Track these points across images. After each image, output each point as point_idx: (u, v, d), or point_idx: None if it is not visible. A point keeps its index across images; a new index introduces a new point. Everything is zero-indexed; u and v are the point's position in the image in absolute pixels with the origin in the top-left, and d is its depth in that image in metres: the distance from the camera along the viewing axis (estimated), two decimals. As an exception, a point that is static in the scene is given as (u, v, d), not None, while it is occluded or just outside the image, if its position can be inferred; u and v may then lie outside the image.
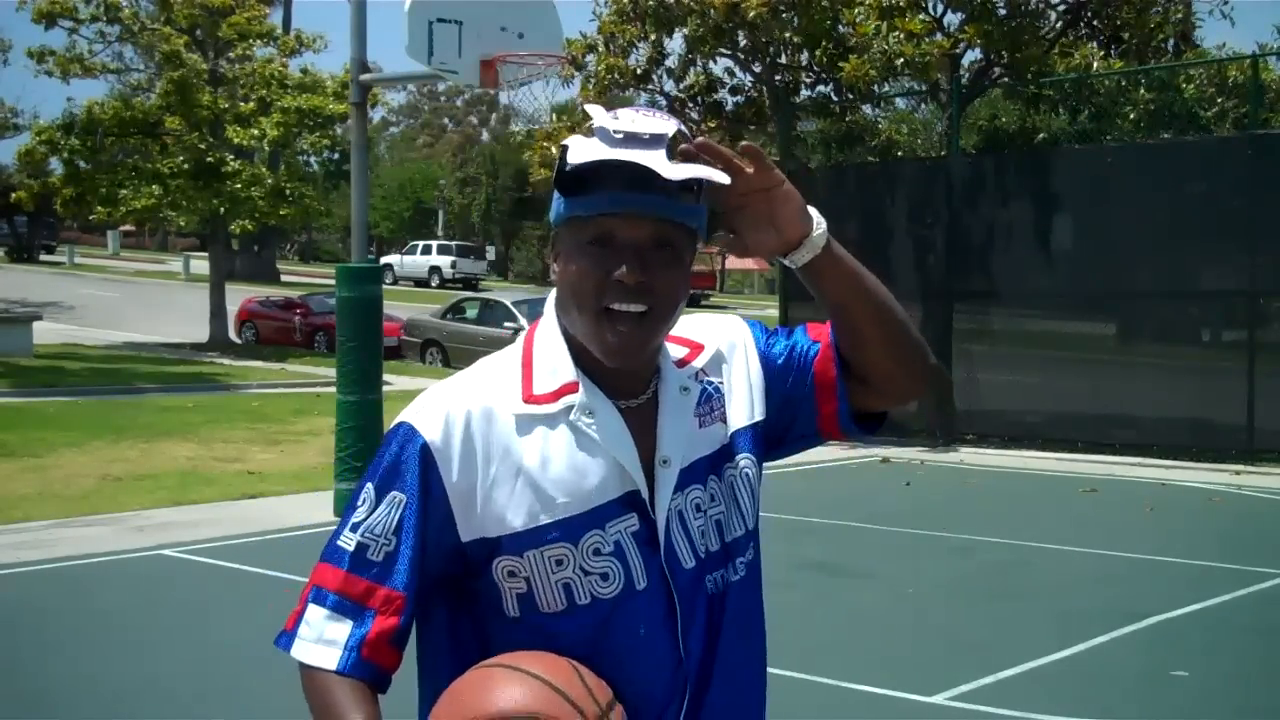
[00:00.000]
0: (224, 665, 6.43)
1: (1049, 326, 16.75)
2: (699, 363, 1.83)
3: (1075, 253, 15.99)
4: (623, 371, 1.72)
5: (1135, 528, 10.41)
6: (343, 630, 1.68)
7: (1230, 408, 14.03)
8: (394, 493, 1.69)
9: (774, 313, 20.96)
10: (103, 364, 22.80)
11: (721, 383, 1.85)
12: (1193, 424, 14.39)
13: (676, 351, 1.82)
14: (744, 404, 1.87)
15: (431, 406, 1.72)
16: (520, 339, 1.81)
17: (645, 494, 1.73)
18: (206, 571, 8.58)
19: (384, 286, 11.30)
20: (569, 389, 1.72)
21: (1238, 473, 13.08)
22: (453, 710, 1.59)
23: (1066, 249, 16.07)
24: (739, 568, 1.89)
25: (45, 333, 26.12)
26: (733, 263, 63.02)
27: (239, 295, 30.97)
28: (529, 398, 1.72)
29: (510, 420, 1.71)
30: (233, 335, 28.74)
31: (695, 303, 46.59)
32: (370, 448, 10.28)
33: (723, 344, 1.87)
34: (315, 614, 1.70)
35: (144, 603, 7.78)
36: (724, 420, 1.84)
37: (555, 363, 1.74)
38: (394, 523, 1.68)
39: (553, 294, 1.78)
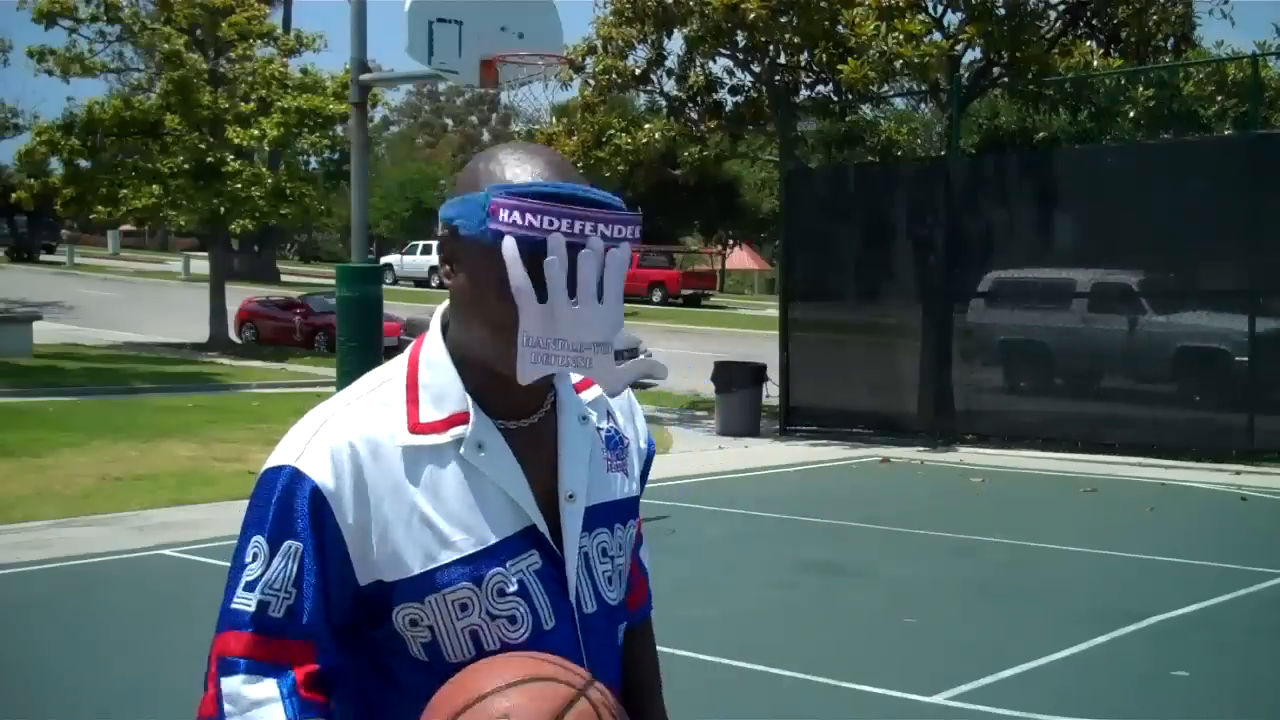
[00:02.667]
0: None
1: (1049, 326, 16.72)
2: (590, 396, 1.73)
3: (1075, 252, 15.99)
4: (518, 387, 1.59)
5: (1135, 528, 10.41)
6: (269, 688, 1.54)
7: (1230, 408, 14.04)
8: (288, 542, 1.55)
9: (774, 313, 20.95)
10: (103, 364, 22.81)
11: (625, 434, 1.78)
12: (1193, 424, 14.39)
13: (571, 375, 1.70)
14: (636, 470, 1.80)
15: (313, 445, 1.58)
16: (402, 357, 1.67)
17: (545, 529, 1.63)
18: (206, 571, 8.58)
19: (384, 286, 11.30)
20: (458, 419, 1.60)
21: (1238, 473, 13.08)
22: (449, 699, 1.52)
23: (1066, 249, 16.07)
24: (621, 631, 1.77)
25: (45, 333, 26.11)
26: (733, 262, 63.02)
27: (239, 295, 30.97)
28: (415, 427, 1.60)
29: (397, 454, 1.58)
30: (233, 335, 28.75)
31: (696, 303, 46.59)
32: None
33: (606, 397, 1.76)
34: (233, 685, 1.55)
35: (144, 603, 7.78)
36: (628, 475, 1.76)
37: (443, 388, 1.61)
38: (293, 573, 1.55)
39: (440, 308, 1.68)
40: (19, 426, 14.70)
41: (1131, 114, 16.73)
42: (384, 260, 46.87)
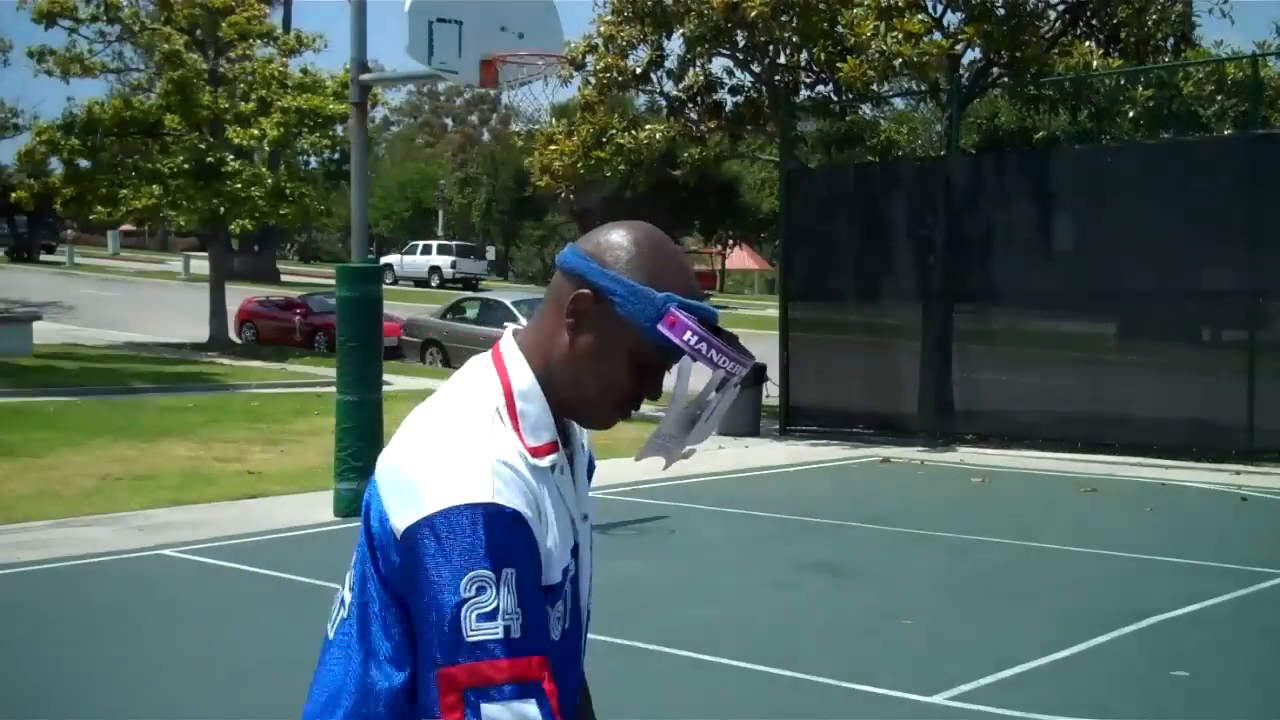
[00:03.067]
0: (223, 665, 6.43)
1: (1049, 326, 16.75)
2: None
3: (1075, 252, 16.00)
4: (567, 422, 1.85)
5: (1135, 528, 10.41)
6: (529, 710, 1.66)
7: (1230, 408, 14.04)
8: (506, 570, 1.68)
9: (774, 313, 20.93)
10: (102, 364, 22.80)
11: (591, 457, 2.02)
12: (1193, 424, 14.39)
13: None
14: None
15: (496, 478, 1.71)
16: (491, 383, 1.80)
17: (577, 541, 1.86)
18: (206, 571, 8.58)
19: (384, 286, 11.30)
20: (552, 448, 1.79)
21: (1238, 473, 13.08)
22: None
23: (1066, 249, 16.08)
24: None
25: (45, 333, 26.11)
26: (733, 262, 63.04)
27: (239, 295, 30.96)
28: (533, 451, 1.77)
29: (531, 475, 1.75)
30: (233, 335, 28.74)
31: (695, 303, 46.52)
32: (371, 447, 10.27)
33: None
34: (494, 710, 1.65)
35: (144, 603, 7.78)
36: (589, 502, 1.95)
37: (539, 418, 1.79)
38: (516, 596, 1.68)
39: (513, 336, 1.84)
40: (19, 426, 14.69)
41: (1131, 114, 16.74)
42: (384, 260, 46.87)
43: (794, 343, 17.12)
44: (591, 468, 2.02)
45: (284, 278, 49.12)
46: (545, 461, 1.77)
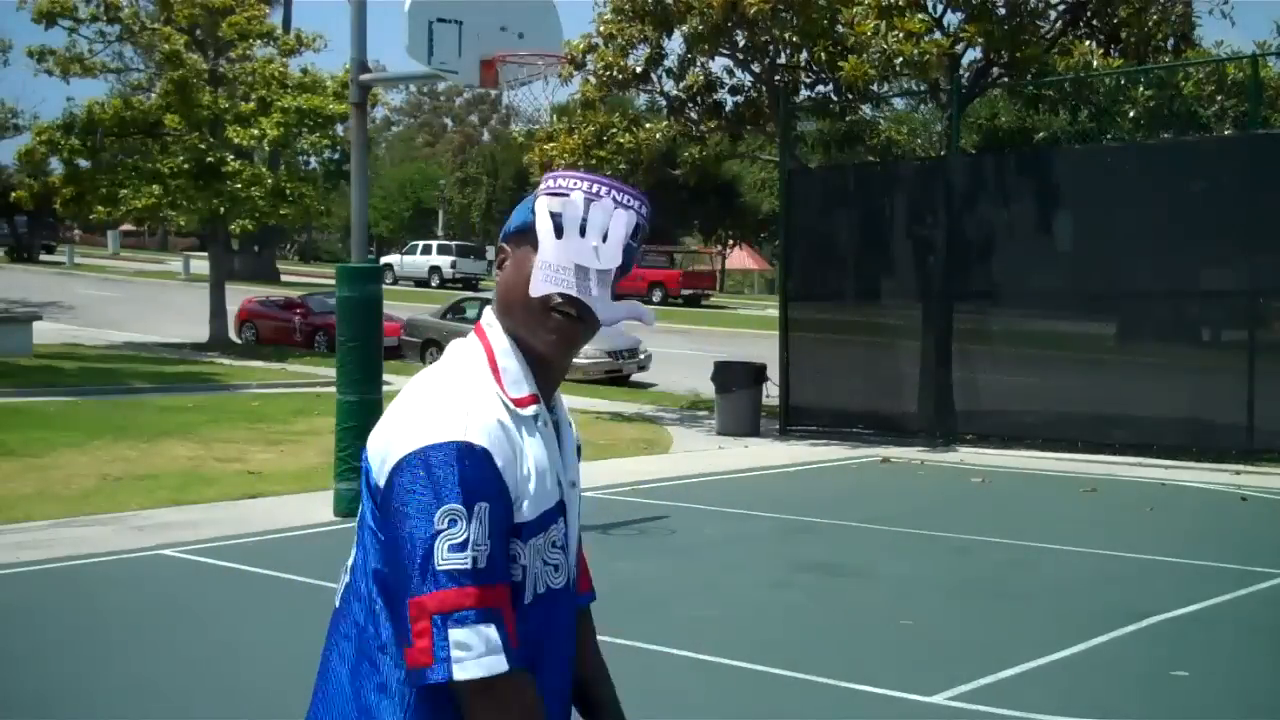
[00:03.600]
0: (223, 665, 6.43)
1: (1049, 326, 16.74)
2: (565, 405, 2.10)
3: (1075, 252, 15.99)
4: (549, 384, 1.99)
5: (1135, 528, 10.41)
6: (492, 634, 1.80)
7: (1230, 408, 14.03)
8: (478, 504, 1.81)
9: (774, 313, 20.94)
10: (102, 364, 22.80)
11: (577, 438, 2.13)
12: (1193, 424, 14.38)
13: None
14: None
15: (471, 420, 1.86)
16: (474, 348, 1.98)
17: (564, 501, 1.99)
18: (206, 571, 8.58)
19: (384, 286, 11.30)
20: (533, 399, 1.95)
21: (1238, 473, 13.08)
22: None
23: (1066, 249, 16.07)
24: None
25: (45, 333, 26.12)
26: (733, 262, 63.03)
27: (239, 295, 30.97)
28: (516, 401, 1.93)
29: (512, 421, 1.90)
30: (233, 335, 28.74)
31: (696, 303, 46.59)
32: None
33: (565, 405, 2.12)
34: (461, 635, 1.78)
35: (144, 603, 7.78)
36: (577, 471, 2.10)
37: (517, 372, 1.95)
38: (486, 529, 1.82)
39: (488, 308, 2.02)
40: (19, 426, 14.69)
41: (1131, 114, 16.74)
42: (384, 260, 46.86)
43: (794, 343, 17.11)
44: (579, 447, 2.13)
45: (284, 278, 49.13)
46: (528, 411, 1.93)
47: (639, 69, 17.59)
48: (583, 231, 1.94)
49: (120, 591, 8.05)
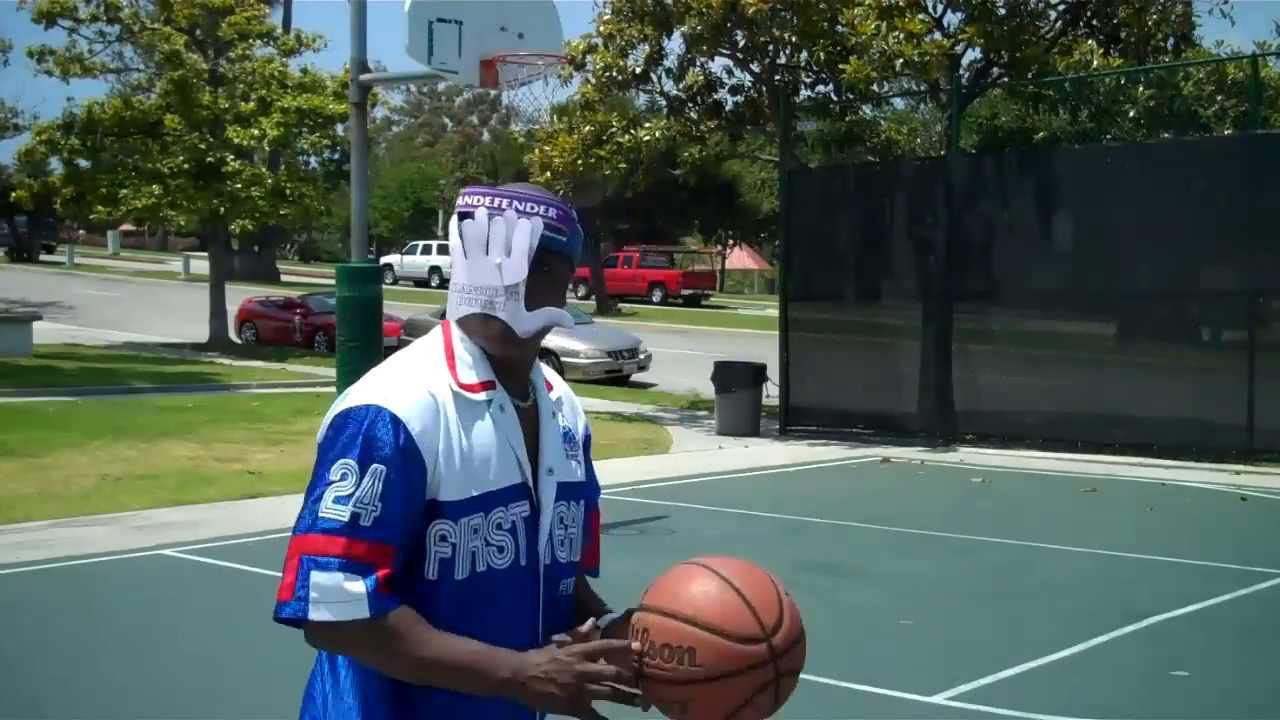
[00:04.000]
0: (223, 665, 6.43)
1: (1049, 326, 16.74)
2: (555, 396, 2.20)
3: (1075, 252, 15.99)
4: (515, 375, 2.10)
5: (1135, 528, 10.41)
6: (357, 585, 1.91)
7: (1230, 408, 14.03)
8: (375, 465, 1.92)
9: (774, 313, 20.95)
10: (102, 364, 22.80)
11: (575, 433, 2.23)
12: (1193, 424, 14.38)
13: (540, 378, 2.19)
14: (583, 460, 2.25)
15: (396, 390, 1.98)
16: (434, 338, 2.09)
17: (531, 486, 2.08)
18: (206, 571, 8.58)
19: (384, 286, 11.30)
20: (488, 385, 2.06)
21: (1238, 473, 13.08)
22: (657, 598, 1.99)
23: (1066, 249, 16.07)
24: (569, 586, 2.21)
25: (45, 333, 26.11)
26: (732, 262, 63.00)
27: (239, 295, 30.96)
28: (461, 385, 2.03)
29: (450, 401, 2.00)
30: (233, 335, 28.74)
31: (696, 303, 46.59)
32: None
33: (564, 397, 2.24)
34: (322, 579, 1.91)
35: (144, 603, 7.78)
36: (579, 463, 2.21)
37: (473, 360, 2.06)
38: (379, 491, 1.92)
39: (454, 300, 2.11)
40: (19, 426, 14.69)
41: (1131, 114, 16.74)
42: (384, 260, 46.86)
43: (794, 343, 17.11)
44: (587, 439, 2.26)
45: (284, 278, 49.13)
46: (478, 396, 2.03)
47: (639, 69, 17.58)
48: (486, 249, 2.04)
49: (120, 591, 8.05)
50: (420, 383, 1.99)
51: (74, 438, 14.06)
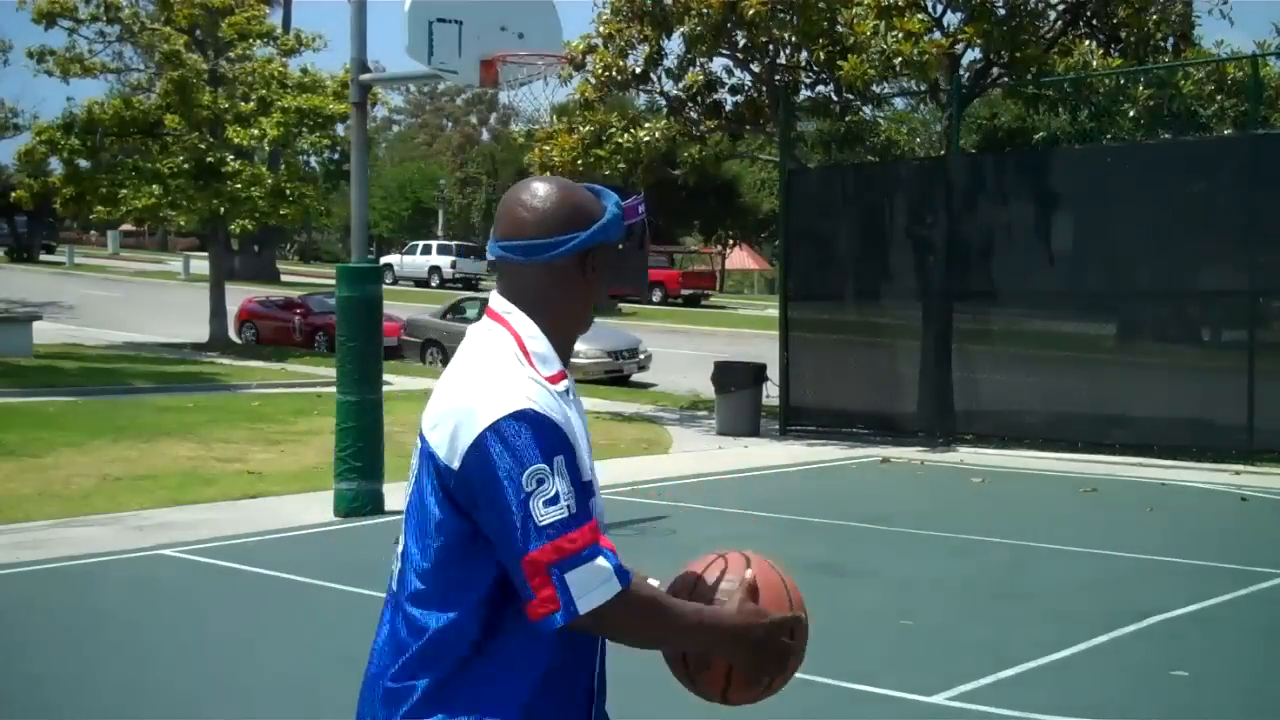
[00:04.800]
0: (223, 665, 6.44)
1: (1049, 326, 16.74)
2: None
3: (1075, 252, 15.98)
4: (567, 363, 2.23)
5: (1135, 528, 10.41)
6: (602, 564, 2.01)
7: (1230, 408, 14.03)
8: (555, 458, 2.03)
9: (774, 313, 20.95)
10: (102, 364, 22.81)
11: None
12: (1193, 424, 14.38)
13: None
14: None
15: (529, 394, 2.07)
16: (500, 335, 2.17)
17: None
18: (206, 571, 8.58)
19: (384, 286, 11.30)
20: (562, 376, 2.17)
21: (1238, 473, 13.08)
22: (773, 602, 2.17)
23: (1066, 249, 16.06)
24: None
25: (45, 333, 26.12)
26: (732, 262, 63.02)
27: (239, 295, 30.97)
28: (549, 379, 2.14)
29: (553, 397, 2.11)
30: (233, 335, 28.74)
31: (695, 302, 46.60)
32: (371, 447, 10.30)
33: None
34: (574, 576, 1.99)
35: (144, 603, 7.78)
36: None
37: (546, 354, 2.17)
38: (568, 477, 2.03)
39: (500, 303, 2.21)
40: (19, 426, 14.70)
41: (1131, 114, 16.73)
42: (384, 260, 46.86)
43: (794, 343, 17.11)
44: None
45: (284, 278, 49.12)
46: (560, 386, 2.15)
47: (638, 69, 17.58)
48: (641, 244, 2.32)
49: (120, 591, 8.05)
50: (527, 380, 2.10)
51: (74, 438, 14.06)
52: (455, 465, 2.04)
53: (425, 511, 2.10)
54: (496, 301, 2.21)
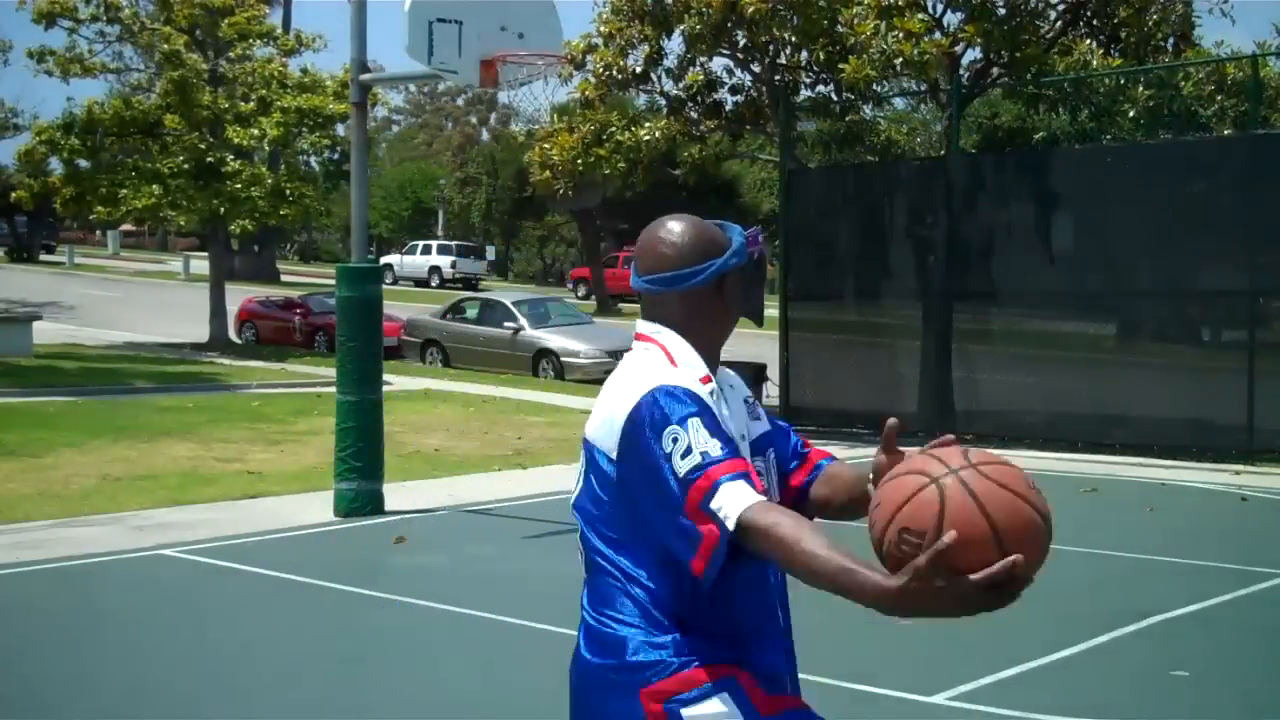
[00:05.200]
0: (223, 665, 6.43)
1: (1049, 326, 16.74)
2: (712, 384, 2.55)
3: (1075, 252, 15.99)
4: (713, 366, 2.51)
5: (1135, 528, 10.41)
6: (740, 486, 2.25)
7: (1230, 408, 14.03)
8: (690, 420, 2.29)
9: (773, 312, 20.91)
10: (102, 364, 22.80)
11: (751, 399, 2.68)
12: (1193, 424, 14.38)
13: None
14: (763, 415, 2.71)
15: (679, 379, 2.38)
16: (655, 352, 2.47)
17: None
18: (206, 571, 8.58)
19: (384, 286, 11.30)
20: (709, 379, 2.46)
21: (1238, 473, 13.07)
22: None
23: (1066, 249, 16.07)
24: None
25: (45, 333, 26.11)
26: (733, 262, 62.92)
27: (239, 295, 30.96)
28: (698, 382, 2.42)
29: (702, 389, 2.40)
30: (233, 335, 28.73)
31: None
32: (371, 447, 10.31)
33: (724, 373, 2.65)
34: (719, 500, 2.22)
35: (144, 603, 7.78)
36: (759, 419, 2.67)
37: (694, 361, 2.47)
38: (704, 433, 2.29)
39: (651, 327, 2.51)
40: (19, 426, 14.69)
41: (1131, 114, 16.73)
42: (384, 260, 46.86)
43: (794, 343, 17.11)
44: (748, 401, 2.65)
45: (284, 278, 49.12)
46: (706, 389, 2.41)
47: (638, 69, 17.58)
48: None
49: (120, 591, 8.05)
50: (674, 374, 2.40)
51: (74, 438, 14.06)
52: (617, 442, 2.35)
53: (600, 504, 2.40)
54: (644, 326, 2.51)
